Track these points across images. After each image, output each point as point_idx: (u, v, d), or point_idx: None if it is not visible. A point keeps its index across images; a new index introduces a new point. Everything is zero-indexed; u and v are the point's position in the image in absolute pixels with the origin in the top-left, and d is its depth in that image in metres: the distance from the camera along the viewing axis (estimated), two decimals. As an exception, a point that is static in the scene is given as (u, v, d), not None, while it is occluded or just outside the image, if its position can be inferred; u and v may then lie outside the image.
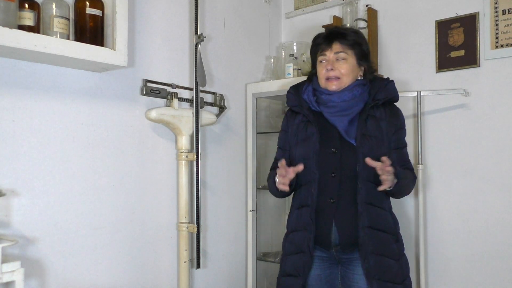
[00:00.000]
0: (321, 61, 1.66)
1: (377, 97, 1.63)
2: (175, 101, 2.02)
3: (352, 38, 1.63)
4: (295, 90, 1.74)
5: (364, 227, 1.56)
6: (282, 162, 1.55)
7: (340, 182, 1.58)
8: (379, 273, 1.57)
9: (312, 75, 1.74)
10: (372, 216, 1.58)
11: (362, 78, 1.67)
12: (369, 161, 1.46)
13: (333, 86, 1.62)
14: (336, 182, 1.58)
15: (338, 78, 1.61)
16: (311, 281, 1.67)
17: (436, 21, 2.27)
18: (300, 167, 1.53)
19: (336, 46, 1.62)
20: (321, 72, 1.65)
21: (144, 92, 1.95)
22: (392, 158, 1.53)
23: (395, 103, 1.72)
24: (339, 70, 1.60)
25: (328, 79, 1.62)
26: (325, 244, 1.62)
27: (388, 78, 1.72)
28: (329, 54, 1.63)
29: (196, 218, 2.08)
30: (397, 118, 1.67)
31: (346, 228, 1.58)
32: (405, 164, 1.67)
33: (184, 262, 2.04)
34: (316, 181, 1.59)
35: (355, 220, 1.57)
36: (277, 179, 1.59)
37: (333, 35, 1.65)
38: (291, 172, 1.52)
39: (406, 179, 1.61)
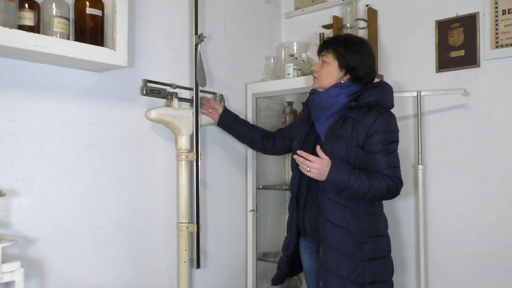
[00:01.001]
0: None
1: (357, 99, 1.71)
2: (175, 101, 2.02)
3: (338, 45, 1.75)
4: (312, 92, 1.91)
5: (322, 220, 1.69)
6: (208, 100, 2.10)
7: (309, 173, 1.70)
8: (334, 267, 1.65)
9: None
10: (333, 212, 1.67)
11: (345, 82, 1.75)
12: (299, 152, 1.64)
13: (314, 84, 1.82)
14: (307, 176, 1.72)
15: (317, 78, 1.80)
16: (306, 270, 1.91)
17: (436, 21, 2.27)
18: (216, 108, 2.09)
19: (324, 51, 1.79)
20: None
21: (144, 92, 1.95)
22: (359, 160, 1.66)
23: (384, 108, 1.71)
24: (319, 72, 1.78)
25: (314, 78, 1.82)
26: (303, 231, 1.83)
27: (377, 82, 1.77)
28: (320, 58, 1.82)
29: (196, 218, 2.08)
30: (374, 122, 1.65)
31: (313, 218, 1.75)
32: (383, 170, 1.65)
33: (184, 262, 2.03)
34: (296, 172, 1.80)
35: (319, 212, 1.71)
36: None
37: (326, 41, 1.82)
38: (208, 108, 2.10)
39: (358, 181, 1.60)
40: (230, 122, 2.12)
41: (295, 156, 1.67)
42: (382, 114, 1.68)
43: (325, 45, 1.79)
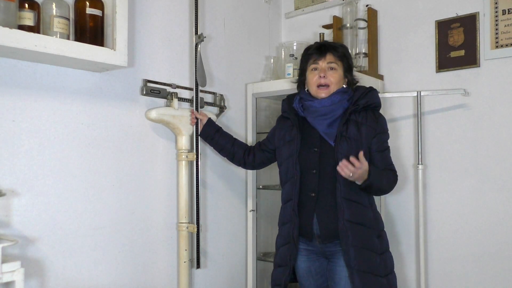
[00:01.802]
0: (313, 69, 1.81)
1: (358, 103, 1.77)
2: (175, 101, 2.02)
3: (341, 51, 1.81)
4: (288, 99, 1.94)
5: (343, 220, 1.69)
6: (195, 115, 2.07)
7: (319, 178, 1.73)
8: (360, 265, 1.68)
9: (300, 83, 1.89)
10: (351, 211, 1.70)
11: (345, 87, 1.81)
12: (351, 159, 1.62)
13: (323, 94, 1.77)
14: (317, 178, 1.74)
15: (328, 86, 1.77)
16: (302, 274, 1.84)
17: (436, 21, 2.27)
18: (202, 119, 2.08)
19: (329, 57, 1.78)
20: (313, 79, 1.80)
21: (144, 92, 1.95)
22: (368, 159, 1.71)
23: (378, 110, 1.82)
24: (330, 78, 1.77)
25: (319, 86, 1.77)
26: (308, 235, 1.77)
27: (370, 87, 1.85)
28: (322, 63, 1.78)
29: (196, 218, 2.08)
30: (377, 123, 1.76)
31: (325, 220, 1.73)
32: (388, 166, 1.78)
33: (184, 262, 2.03)
34: (298, 177, 1.77)
35: (334, 213, 1.71)
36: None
37: (325, 47, 1.81)
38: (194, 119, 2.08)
39: (382, 179, 1.72)
40: (212, 134, 2.06)
41: (340, 166, 1.62)
42: (379, 115, 1.80)
43: (334, 49, 1.79)
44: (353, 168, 1.60)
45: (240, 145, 2.09)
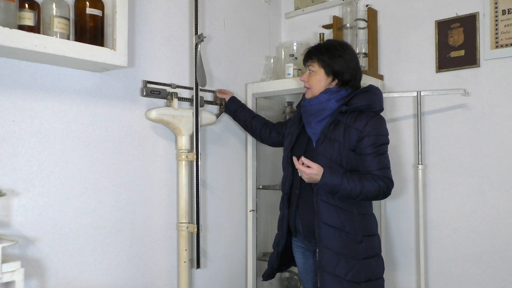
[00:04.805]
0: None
1: (350, 102, 1.75)
2: (175, 101, 2.02)
3: (321, 53, 1.79)
4: (303, 98, 1.95)
5: (319, 222, 1.72)
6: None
7: (302, 177, 1.73)
8: (331, 268, 1.69)
9: None
10: (329, 214, 1.71)
11: (334, 87, 1.79)
12: (294, 159, 1.70)
13: (307, 95, 1.85)
14: (300, 176, 1.75)
15: (309, 88, 1.84)
16: (300, 270, 1.96)
17: (436, 21, 2.27)
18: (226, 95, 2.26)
19: (309, 62, 1.83)
20: None
21: (144, 93, 1.95)
22: (351, 162, 1.71)
23: (373, 112, 1.74)
24: (309, 82, 1.83)
25: (305, 88, 1.86)
26: (294, 229, 1.87)
27: (368, 87, 1.80)
28: (305, 68, 1.87)
29: (196, 218, 2.08)
30: (365, 126, 1.69)
31: (306, 218, 1.80)
32: (374, 171, 1.69)
33: (184, 262, 2.04)
34: (289, 171, 1.87)
35: (313, 213, 1.74)
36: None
37: (310, 52, 1.85)
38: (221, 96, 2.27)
39: (347, 183, 1.65)
40: (234, 110, 2.23)
41: (294, 158, 1.72)
42: (372, 117, 1.73)
43: (309, 55, 1.83)
44: (302, 170, 1.65)
45: (259, 120, 2.21)
